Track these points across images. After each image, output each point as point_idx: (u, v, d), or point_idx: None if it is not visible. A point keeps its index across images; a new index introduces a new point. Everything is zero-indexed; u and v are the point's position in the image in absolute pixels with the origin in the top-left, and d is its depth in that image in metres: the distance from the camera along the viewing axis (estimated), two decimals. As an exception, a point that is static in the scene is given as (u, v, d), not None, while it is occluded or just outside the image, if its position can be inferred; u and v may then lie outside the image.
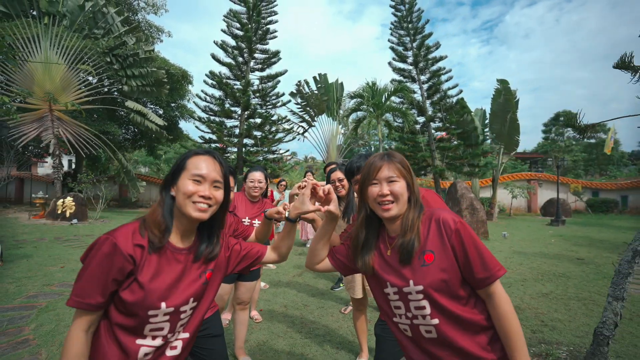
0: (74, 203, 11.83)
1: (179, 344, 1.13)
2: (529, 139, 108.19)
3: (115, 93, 15.87)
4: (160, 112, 20.50)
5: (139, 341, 1.05)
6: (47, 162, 27.33)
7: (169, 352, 1.11)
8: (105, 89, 15.07)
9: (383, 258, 1.20)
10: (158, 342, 1.07)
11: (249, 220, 2.70)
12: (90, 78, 14.29)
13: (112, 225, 11.72)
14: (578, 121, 2.67)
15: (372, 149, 25.98)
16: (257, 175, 2.68)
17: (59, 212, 11.63)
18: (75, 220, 11.50)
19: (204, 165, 1.09)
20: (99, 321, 1.04)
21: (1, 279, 5.05)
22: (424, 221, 1.16)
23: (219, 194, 1.12)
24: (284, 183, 7.09)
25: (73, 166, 18.26)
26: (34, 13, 13.13)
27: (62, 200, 11.76)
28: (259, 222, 2.67)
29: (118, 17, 14.62)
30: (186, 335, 1.15)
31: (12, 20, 11.92)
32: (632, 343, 3.16)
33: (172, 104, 20.62)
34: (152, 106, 20.20)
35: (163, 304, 1.04)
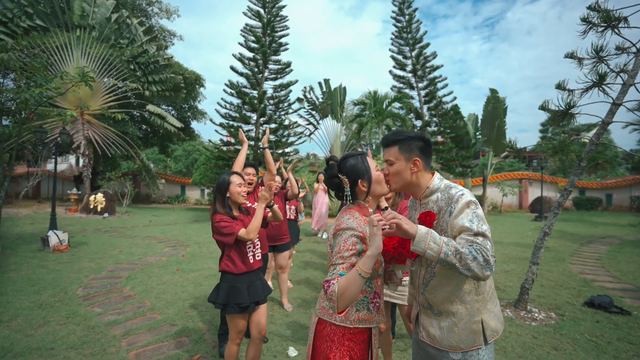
0: (104, 198, 13.16)
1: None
2: (530, 137, 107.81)
3: (133, 97, 17.11)
4: (174, 112, 21.81)
5: None
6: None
7: None
8: (128, 94, 16.34)
9: None
10: None
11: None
12: (112, 82, 15.52)
13: (138, 219, 13.02)
14: (511, 144, 4.04)
15: (374, 147, 27.40)
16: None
17: (92, 206, 12.96)
18: (106, 214, 12.84)
19: None
20: None
21: (80, 259, 6.39)
22: None
23: None
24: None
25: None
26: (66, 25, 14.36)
27: (94, 196, 13.09)
28: None
29: (140, 27, 15.88)
30: None
31: (49, 32, 13.17)
32: (551, 297, 4.52)
33: (184, 106, 21.93)
34: (165, 107, 21.47)
35: None
